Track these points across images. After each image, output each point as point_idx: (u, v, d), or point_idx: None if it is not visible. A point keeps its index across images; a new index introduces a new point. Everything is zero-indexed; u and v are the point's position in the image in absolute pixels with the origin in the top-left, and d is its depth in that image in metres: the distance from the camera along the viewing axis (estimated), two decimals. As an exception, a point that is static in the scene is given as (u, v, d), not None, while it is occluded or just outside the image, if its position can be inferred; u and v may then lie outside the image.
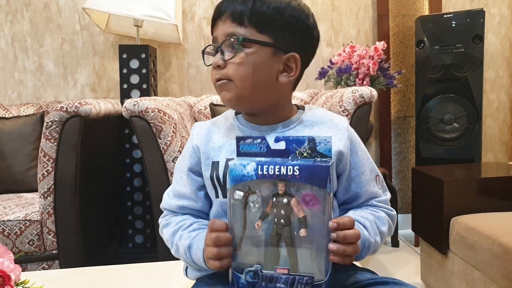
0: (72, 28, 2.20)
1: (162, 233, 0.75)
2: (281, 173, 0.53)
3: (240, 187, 0.55)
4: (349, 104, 1.42)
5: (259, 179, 0.54)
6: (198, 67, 2.28)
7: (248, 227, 0.55)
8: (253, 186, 0.55)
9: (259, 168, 0.55)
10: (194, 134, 0.75)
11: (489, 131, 2.44)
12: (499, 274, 1.12)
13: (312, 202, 0.53)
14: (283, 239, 0.54)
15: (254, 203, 0.55)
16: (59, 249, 1.44)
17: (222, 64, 0.66)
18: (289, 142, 0.56)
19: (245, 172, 0.55)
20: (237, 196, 0.55)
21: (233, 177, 0.55)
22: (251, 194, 0.55)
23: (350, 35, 2.34)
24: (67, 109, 1.38)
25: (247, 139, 0.58)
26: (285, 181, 0.53)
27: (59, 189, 1.42)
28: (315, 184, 0.53)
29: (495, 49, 2.39)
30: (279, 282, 0.54)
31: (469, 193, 1.37)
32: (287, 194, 0.54)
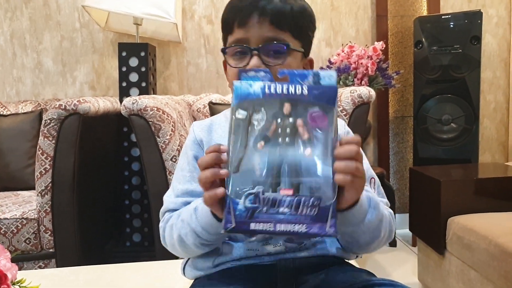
0: (72, 26, 2.20)
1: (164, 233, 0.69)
2: (289, 92, 0.51)
3: (244, 106, 0.52)
4: (348, 104, 1.42)
5: (266, 97, 0.52)
6: (198, 66, 2.28)
7: (250, 147, 0.51)
8: (258, 105, 0.52)
9: (266, 86, 0.52)
10: (195, 129, 0.73)
11: (487, 132, 2.44)
12: (495, 274, 1.12)
13: (320, 119, 0.51)
14: (286, 160, 0.50)
15: (258, 121, 0.51)
16: (56, 248, 1.44)
17: None
18: (293, 75, 0.54)
19: (251, 90, 0.52)
20: (240, 115, 0.52)
21: (238, 95, 0.52)
22: (256, 113, 0.51)
23: (349, 35, 2.34)
24: (65, 107, 1.38)
25: (249, 71, 0.55)
26: (290, 101, 0.51)
27: (57, 187, 1.42)
28: (323, 101, 0.51)
29: (492, 50, 2.40)
30: (283, 205, 0.49)
31: (466, 194, 1.38)
32: (292, 115, 0.51)
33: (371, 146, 2.39)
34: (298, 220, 0.49)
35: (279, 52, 0.64)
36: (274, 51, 0.64)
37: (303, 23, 0.67)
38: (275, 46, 0.64)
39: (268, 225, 0.49)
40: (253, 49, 0.64)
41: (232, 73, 0.67)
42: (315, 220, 0.49)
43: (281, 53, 0.64)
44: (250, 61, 0.64)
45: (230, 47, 0.67)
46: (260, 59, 0.64)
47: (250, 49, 0.65)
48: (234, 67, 0.66)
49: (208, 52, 2.27)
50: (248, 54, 0.65)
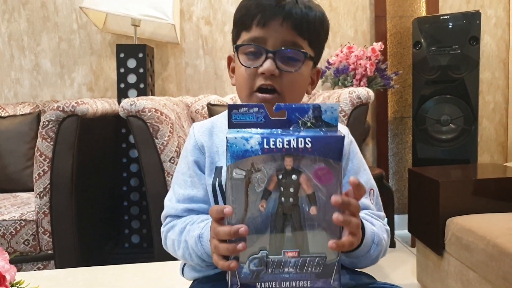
0: (70, 27, 2.20)
1: (166, 240, 0.68)
2: (291, 147, 0.47)
3: (241, 165, 0.47)
4: (346, 105, 1.42)
5: (265, 154, 0.47)
6: (196, 67, 2.28)
7: (251, 210, 0.48)
8: (257, 163, 0.47)
9: (265, 141, 0.47)
10: (195, 133, 0.71)
11: (485, 132, 2.45)
12: (494, 274, 1.12)
13: (326, 176, 0.47)
14: (290, 219, 0.48)
15: (259, 182, 0.48)
16: (55, 249, 1.44)
17: (278, 73, 0.62)
18: (291, 110, 0.49)
19: (248, 147, 0.47)
20: (237, 176, 0.47)
21: (234, 154, 0.47)
22: (255, 172, 0.47)
23: (347, 36, 2.34)
24: (63, 109, 1.37)
25: (241, 107, 0.49)
26: (293, 155, 0.47)
27: (55, 189, 1.42)
28: (329, 157, 0.47)
29: (491, 50, 2.40)
30: (288, 266, 0.48)
31: (465, 194, 1.38)
32: (295, 169, 0.47)
33: (370, 147, 2.39)
34: (302, 277, 0.49)
35: (295, 59, 0.63)
36: (290, 57, 0.63)
37: (321, 33, 0.66)
38: (293, 53, 0.62)
39: (274, 283, 0.49)
40: (270, 51, 0.62)
41: (242, 72, 0.65)
42: (320, 276, 0.49)
43: (297, 60, 0.63)
44: (264, 64, 0.62)
45: (245, 45, 0.64)
46: (275, 63, 0.62)
47: (267, 50, 0.62)
48: (246, 67, 0.64)
49: (206, 53, 2.27)
50: (263, 55, 0.62)
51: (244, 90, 0.65)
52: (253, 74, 0.63)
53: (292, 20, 0.61)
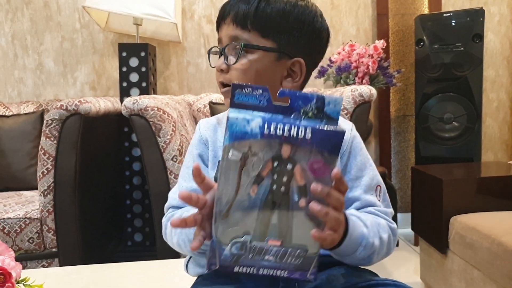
0: (72, 27, 2.20)
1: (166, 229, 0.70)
2: (290, 135, 0.46)
3: (238, 146, 0.46)
4: (349, 103, 1.42)
5: (264, 138, 0.46)
6: (198, 66, 2.28)
7: (241, 192, 0.47)
8: (254, 147, 0.46)
9: (266, 125, 0.46)
10: (201, 128, 0.73)
11: (489, 130, 2.44)
12: (498, 273, 1.12)
13: (321, 170, 0.46)
14: (278, 208, 0.48)
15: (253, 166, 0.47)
16: (59, 247, 1.45)
17: (225, 68, 0.66)
18: (295, 97, 0.48)
19: (248, 129, 0.46)
20: (233, 157, 0.46)
21: (233, 134, 0.46)
22: (251, 156, 0.46)
23: (349, 34, 2.33)
24: (67, 107, 1.38)
25: (245, 87, 0.48)
26: (291, 144, 0.46)
27: (59, 187, 1.42)
28: (326, 150, 0.46)
29: (494, 48, 2.39)
30: (268, 254, 0.48)
31: (469, 193, 1.37)
32: (291, 158, 0.46)
33: (372, 145, 2.39)
34: (281, 267, 0.49)
35: (233, 51, 0.65)
36: (233, 50, 0.65)
37: (281, 22, 0.64)
38: (230, 45, 0.65)
39: (251, 269, 0.49)
40: (220, 49, 0.67)
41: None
42: (298, 268, 0.49)
43: (235, 53, 0.65)
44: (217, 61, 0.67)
45: (210, 48, 0.70)
46: (224, 59, 0.66)
47: (219, 48, 0.67)
48: (212, 67, 0.70)
49: (209, 51, 2.27)
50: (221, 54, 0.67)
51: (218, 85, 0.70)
52: (217, 72, 0.69)
53: (233, 16, 0.65)
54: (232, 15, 0.64)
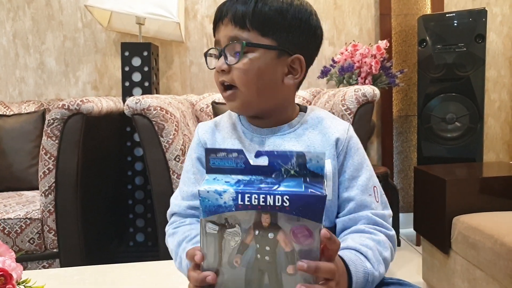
0: (74, 26, 2.20)
1: (167, 242, 0.73)
2: (267, 204, 0.44)
3: (214, 219, 0.45)
4: (352, 103, 1.42)
5: (239, 210, 0.44)
6: (200, 65, 2.27)
7: (224, 265, 0.46)
8: (231, 219, 0.45)
9: (240, 197, 0.44)
10: (199, 132, 0.75)
11: (491, 131, 2.43)
12: (501, 273, 1.11)
13: (304, 238, 0.44)
14: (266, 276, 0.46)
15: (232, 236, 0.45)
16: (60, 248, 1.44)
17: (227, 68, 0.65)
18: (273, 157, 0.46)
19: (221, 202, 0.44)
20: (210, 231, 0.45)
21: (206, 209, 0.45)
22: (229, 228, 0.45)
23: (352, 34, 2.33)
24: (69, 107, 1.38)
25: (219, 152, 0.47)
26: (269, 212, 0.44)
27: (60, 187, 1.42)
28: (308, 217, 0.44)
29: (497, 48, 2.38)
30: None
31: (471, 193, 1.37)
32: (272, 226, 0.44)
33: (375, 145, 2.38)
34: None
35: (234, 50, 0.65)
36: (234, 50, 0.65)
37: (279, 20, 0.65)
38: (231, 45, 0.65)
39: None
40: (219, 49, 0.66)
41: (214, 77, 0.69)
42: None
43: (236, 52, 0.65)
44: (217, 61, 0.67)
45: (208, 50, 0.70)
46: (224, 59, 0.65)
47: (218, 49, 0.67)
48: (211, 69, 0.69)
49: (211, 51, 2.26)
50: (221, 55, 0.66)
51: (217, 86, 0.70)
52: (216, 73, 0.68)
53: (232, 17, 0.64)
54: (230, 15, 0.64)
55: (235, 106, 0.68)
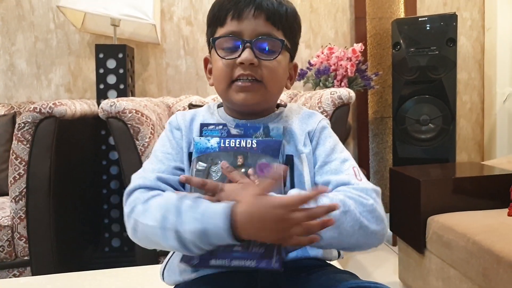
0: (46, 27, 2.14)
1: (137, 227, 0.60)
2: (241, 146, 0.61)
3: (203, 159, 0.61)
4: (328, 105, 1.43)
5: (221, 151, 0.61)
6: (177, 68, 2.25)
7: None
8: (215, 158, 0.61)
9: (222, 141, 0.62)
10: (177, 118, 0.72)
11: (463, 131, 2.50)
12: (474, 271, 1.14)
13: (266, 169, 0.60)
14: None
15: (216, 172, 0.60)
16: (31, 255, 1.39)
17: (256, 62, 0.63)
18: (247, 128, 0.63)
19: (208, 145, 0.62)
20: (200, 167, 0.61)
21: (198, 149, 0.62)
22: (213, 165, 0.61)
23: (328, 37, 2.36)
24: (40, 110, 1.33)
25: (210, 125, 0.65)
26: (243, 154, 0.61)
27: (32, 193, 1.37)
28: (269, 154, 0.61)
29: (467, 51, 2.46)
30: (236, 245, 0.56)
31: (445, 193, 1.40)
32: (244, 165, 0.61)
33: (351, 147, 2.41)
34: (248, 257, 0.57)
35: (273, 47, 0.64)
36: (268, 46, 0.64)
37: (294, 25, 0.67)
38: (271, 41, 0.64)
39: (225, 261, 0.57)
40: (247, 41, 0.63)
41: (220, 65, 0.65)
42: (263, 257, 0.56)
43: (275, 49, 0.64)
44: (242, 54, 0.63)
45: (223, 37, 0.65)
46: (253, 52, 0.63)
47: (243, 40, 0.63)
48: (225, 59, 0.64)
49: (188, 53, 2.25)
50: (240, 46, 0.63)
51: (222, 82, 0.66)
52: (231, 65, 0.64)
53: (265, 12, 0.63)
54: (264, 9, 0.63)
55: (251, 98, 0.64)
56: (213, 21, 0.68)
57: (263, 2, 0.63)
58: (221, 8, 0.66)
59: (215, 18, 0.67)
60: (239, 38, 0.64)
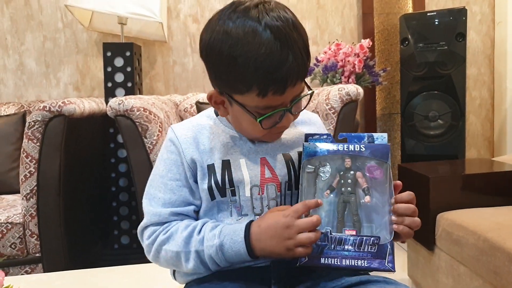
0: (54, 26, 2.15)
1: (159, 254, 0.65)
2: (349, 149, 0.63)
3: (312, 162, 0.63)
4: (336, 102, 1.42)
5: (330, 154, 0.63)
6: (184, 65, 2.26)
7: (318, 196, 0.61)
8: (323, 160, 0.63)
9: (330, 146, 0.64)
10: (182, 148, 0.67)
11: (472, 128, 2.48)
12: (484, 269, 1.12)
13: (376, 172, 0.62)
14: (349, 206, 0.61)
15: (325, 173, 0.62)
16: (42, 252, 1.41)
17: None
18: (350, 138, 0.65)
19: (318, 149, 0.64)
20: (309, 170, 0.63)
21: (307, 153, 0.64)
22: (322, 167, 0.63)
23: (335, 33, 2.34)
24: (50, 109, 1.35)
25: (315, 135, 0.67)
26: (351, 157, 0.63)
27: (42, 191, 1.39)
28: (378, 157, 0.62)
29: (476, 46, 2.43)
30: (347, 244, 0.59)
31: (455, 189, 1.38)
32: (352, 168, 0.62)
33: (359, 143, 2.40)
34: (360, 256, 0.59)
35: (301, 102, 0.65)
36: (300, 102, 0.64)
37: None
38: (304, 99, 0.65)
39: (335, 260, 0.59)
40: (287, 110, 0.62)
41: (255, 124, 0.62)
42: (375, 257, 0.59)
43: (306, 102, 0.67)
44: (283, 120, 0.63)
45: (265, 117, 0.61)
46: (291, 114, 0.64)
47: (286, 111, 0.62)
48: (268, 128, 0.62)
49: (194, 51, 2.25)
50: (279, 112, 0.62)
51: (256, 135, 0.66)
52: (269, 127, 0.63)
53: (298, 76, 0.59)
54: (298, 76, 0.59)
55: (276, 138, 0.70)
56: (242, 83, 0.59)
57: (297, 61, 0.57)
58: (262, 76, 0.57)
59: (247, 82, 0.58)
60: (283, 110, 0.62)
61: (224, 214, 0.67)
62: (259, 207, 0.66)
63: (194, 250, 0.62)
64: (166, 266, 0.68)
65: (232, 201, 0.66)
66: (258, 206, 0.66)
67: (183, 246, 0.63)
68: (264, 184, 0.66)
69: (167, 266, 0.68)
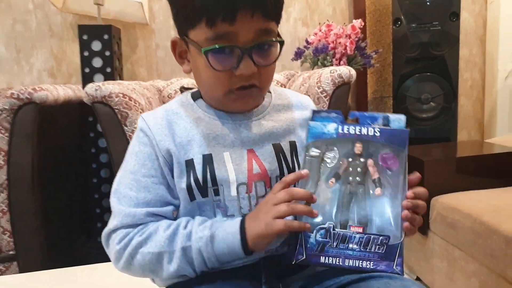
0: (24, 7, 2.02)
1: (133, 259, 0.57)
2: (361, 133, 0.55)
3: (317, 144, 0.55)
4: (328, 84, 1.36)
5: (339, 137, 0.55)
6: (167, 49, 2.15)
7: (321, 184, 0.54)
8: (330, 144, 0.55)
9: (340, 127, 0.55)
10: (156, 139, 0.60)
11: (463, 109, 2.45)
12: (480, 252, 1.11)
13: (391, 161, 0.54)
14: (356, 198, 0.53)
15: (331, 159, 0.54)
16: (17, 250, 1.34)
17: (256, 70, 0.55)
18: (363, 118, 0.57)
19: (325, 130, 0.55)
20: (313, 153, 0.55)
21: (312, 134, 0.56)
22: (329, 152, 0.55)
23: (326, 14, 2.27)
24: (19, 96, 1.25)
25: (322, 112, 0.57)
26: (362, 141, 0.54)
27: (14, 185, 1.31)
28: (395, 144, 0.54)
29: (469, 27, 2.38)
30: (352, 242, 0.52)
31: (449, 172, 1.36)
32: (363, 155, 0.54)
33: (350, 128, 2.36)
34: (366, 257, 0.52)
35: (273, 51, 0.57)
36: (267, 51, 0.56)
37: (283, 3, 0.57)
38: (270, 44, 0.56)
39: (337, 259, 0.52)
40: (245, 49, 0.54)
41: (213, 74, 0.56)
42: (383, 258, 0.52)
43: (274, 52, 0.57)
44: (241, 65, 0.54)
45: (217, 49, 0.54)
46: (252, 60, 0.54)
47: (241, 50, 0.54)
48: (220, 71, 0.55)
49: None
50: (235, 53, 0.55)
51: (216, 91, 0.58)
52: (228, 75, 0.56)
53: (262, 7, 0.53)
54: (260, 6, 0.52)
55: (251, 104, 0.61)
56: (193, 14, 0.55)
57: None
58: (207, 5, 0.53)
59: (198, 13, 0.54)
60: (236, 47, 0.54)
61: (206, 216, 0.59)
62: (247, 207, 0.59)
63: (180, 248, 0.55)
64: (140, 273, 0.59)
65: (215, 201, 0.58)
66: (246, 205, 0.59)
67: (167, 245, 0.55)
68: (252, 181, 0.58)
69: (141, 273, 0.59)
